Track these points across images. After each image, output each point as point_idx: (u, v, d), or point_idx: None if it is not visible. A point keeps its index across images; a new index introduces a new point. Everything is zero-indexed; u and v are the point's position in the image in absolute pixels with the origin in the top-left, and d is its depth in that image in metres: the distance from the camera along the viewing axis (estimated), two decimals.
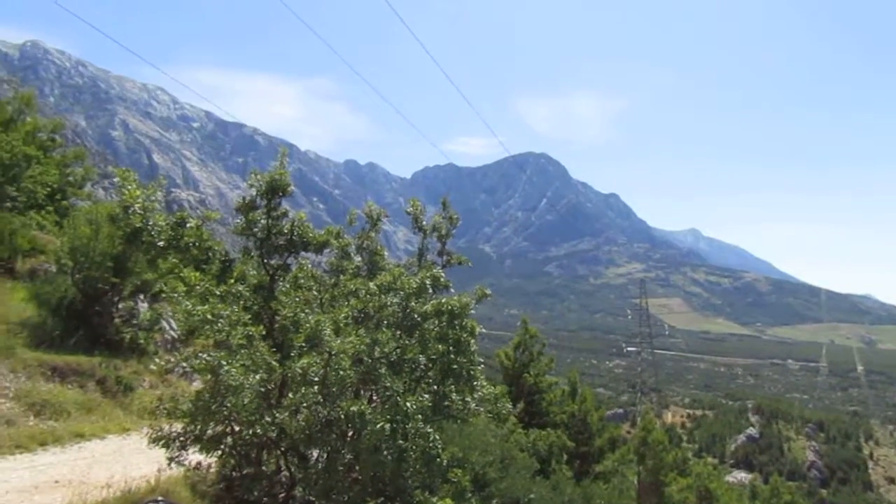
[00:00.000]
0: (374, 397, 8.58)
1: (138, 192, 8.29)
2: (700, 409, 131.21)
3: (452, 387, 8.81)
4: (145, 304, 20.27)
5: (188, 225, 8.62)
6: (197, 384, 19.33)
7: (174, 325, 22.18)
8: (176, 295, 7.38)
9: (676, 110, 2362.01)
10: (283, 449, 8.14)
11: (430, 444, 8.00)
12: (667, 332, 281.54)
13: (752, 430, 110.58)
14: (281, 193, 9.28)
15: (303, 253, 9.93)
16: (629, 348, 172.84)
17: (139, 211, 8.21)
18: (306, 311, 7.94)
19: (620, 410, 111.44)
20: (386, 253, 10.76)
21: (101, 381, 15.99)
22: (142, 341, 19.04)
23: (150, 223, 8.29)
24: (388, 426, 7.52)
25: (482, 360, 9.76)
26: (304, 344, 7.84)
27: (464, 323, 8.49)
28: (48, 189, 26.43)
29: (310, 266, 10.15)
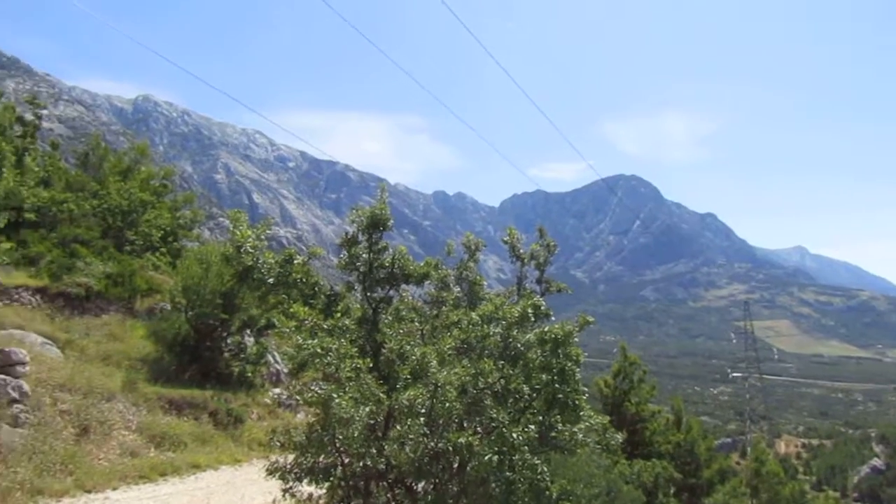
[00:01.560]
0: (479, 429, 8.52)
1: (249, 232, 8.67)
2: (816, 438, 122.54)
3: (558, 417, 8.64)
4: (251, 339, 21.14)
5: (295, 261, 8.93)
6: (301, 416, 19.91)
7: (279, 358, 22.98)
8: (287, 330, 7.63)
9: (772, 128, 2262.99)
10: (390, 481, 8.22)
11: (539, 476, 7.86)
12: (775, 357, 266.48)
13: (877, 461, 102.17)
14: (381, 228, 9.50)
15: (403, 285, 10.10)
16: (735, 374, 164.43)
17: (250, 250, 8.58)
18: (411, 343, 8.03)
19: (728, 440, 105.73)
20: (485, 283, 10.79)
21: (213, 413, 16.74)
22: (249, 374, 19.84)
23: (261, 261, 8.65)
24: (495, 458, 7.46)
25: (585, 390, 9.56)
26: (408, 376, 7.92)
27: (568, 351, 8.34)
28: (162, 232, 28.20)
29: (411, 298, 10.29)
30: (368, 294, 9.60)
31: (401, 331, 8.48)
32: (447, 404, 7.43)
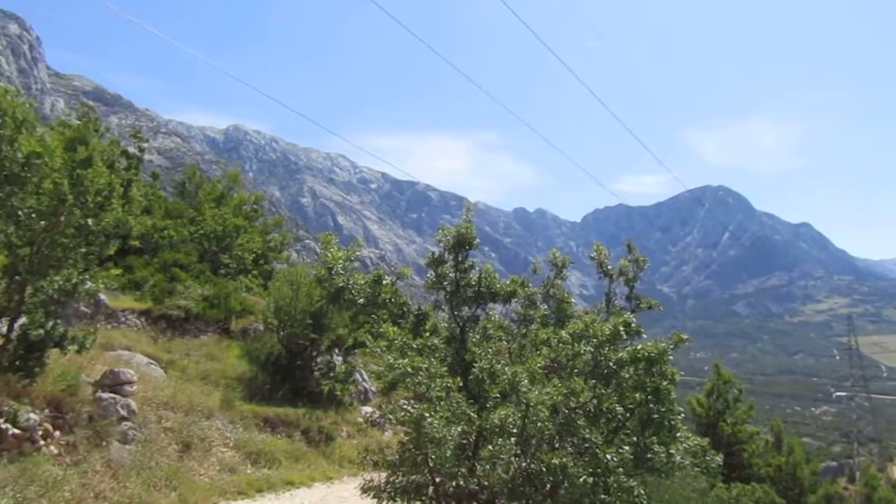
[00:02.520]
0: (571, 449, 8.36)
1: (339, 254, 8.89)
2: None
3: (653, 438, 8.37)
4: (340, 358, 21.61)
5: (384, 282, 9.09)
6: (389, 434, 20.13)
7: (366, 376, 23.37)
8: (378, 349, 7.74)
9: (869, 133, 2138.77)
10: (482, 501, 8.17)
11: (634, 499, 7.63)
12: (884, 374, 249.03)
13: None
14: (467, 247, 9.53)
15: (490, 303, 10.08)
16: (839, 393, 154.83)
17: (341, 271, 8.79)
18: (501, 361, 7.99)
19: (834, 463, 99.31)
20: (573, 300, 10.63)
21: (305, 431, 17.17)
22: (338, 393, 20.25)
23: (351, 282, 8.84)
24: (589, 479, 7.30)
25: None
26: (498, 395, 7.87)
27: (662, 370, 8.09)
28: (253, 255, 29.38)
29: (497, 316, 10.25)
30: (455, 313, 9.61)
31: (489, 349, 8.45)
32: (539, 424, 7.34)
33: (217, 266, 26.70)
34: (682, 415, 8.99)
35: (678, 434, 8.52)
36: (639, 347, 8.16)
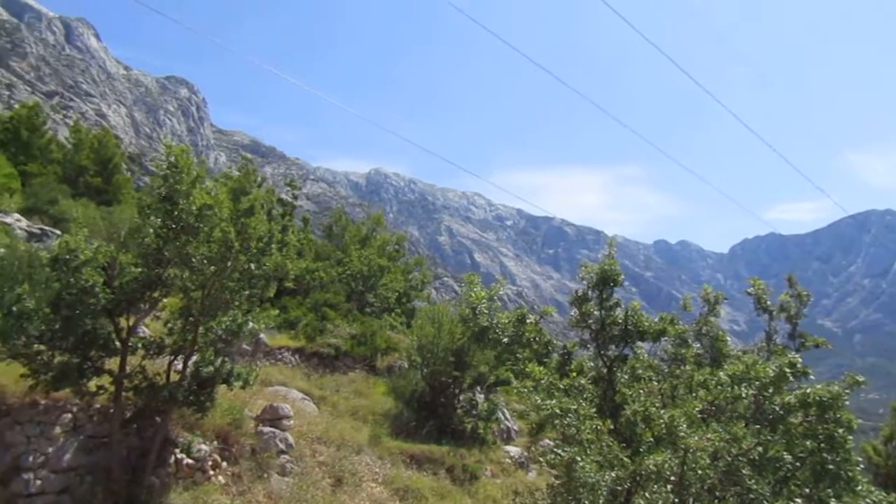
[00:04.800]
0: (733, 500, 7.78)
1: (483, 293, 8.95)
2: None
3: (829, 490, 7.61)
4: (482, 396, 21.61)
5: (528, 321, 9.03)
6: (532, 475, 19.76)
7: (508, 415, 23.17)
8: (525, 390, 7.66)
9: None
10: None
11: None
12: None
13: None
14: (612, 284, 9.30)
15: (638, 342, 9.72)
16: None
17: (485, 311, 8.84)
18: (656, 404, 7.63)
19: None
20: (729, 338, 10.01)
21: (450, 469, 17.22)
22: (481, 431, 20.20)
23: (495, 321, 8.86)
24: None
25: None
26: (652, 439, 7.51)
27: (837, 416, 7.38)
28: (396, 293, 30.32)
29: (646, 355, 9.86)
30: (602, 352, 9.36)
31: (641, 391, 8.11)
32: (699, 471, 6.91)
33: (363, 305, 27.80)
34: (861, 465, 8.15)
35: (858, 487, 7.71)
36: (808, 391, 7.51)
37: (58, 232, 18.78)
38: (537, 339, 9.20)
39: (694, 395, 8.35)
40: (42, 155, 29.89)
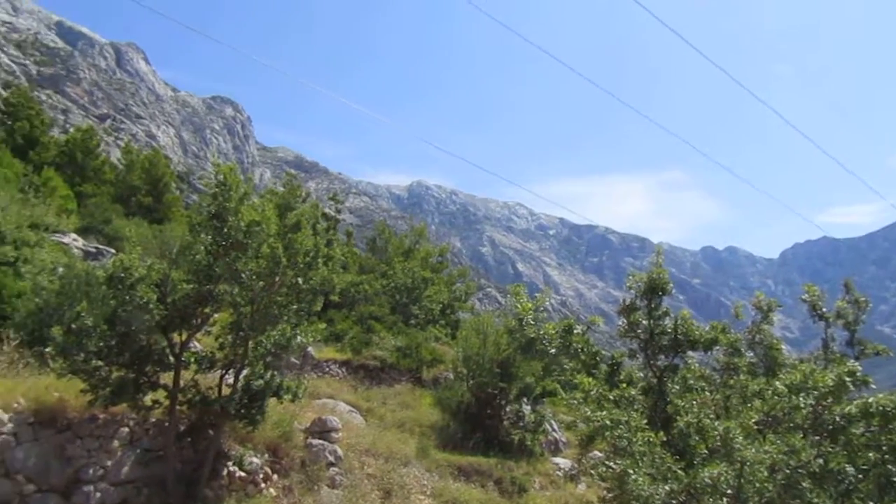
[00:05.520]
0: None
1: (529, 305, 8.90)
2: None
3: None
4: (528, 407, 21.43)
5: (575, 331, 8.93)
6: (582, 487, 19.48)
7: (556, 426, 22.93)
8: (575, 401, 7.57)
9: None
10: None
11: None
12: None
13: None
14: (660, 293, 9.15)
15: (689, 352, 9.54)
16: None
17: (531, 322, 8.78)
18: (710, 415, 7.46)
19: None
20: (783, 347, 9.73)
21: (498, 481, 17.08)
22: (529, 443, 20.02)
23: (542, 332, 8.80)
24: None
25: None
26: (706, 451, 7.34)
27: None
28: (440, 305, 30.35)
29: (697, 365, 9.65)
30: (651, 362, 9.20)
31: (693, 401, 7.94)
32: (757, 485, 6.71)
33: (407, 317, 27.90)
34: None
35: None
36: (870, 400, 7.25)
37: (112, 250, 19.38)
38: (585, 349, 9.10)
39: (749, 405, 8.13)
40: (96, 176, 31.00)
